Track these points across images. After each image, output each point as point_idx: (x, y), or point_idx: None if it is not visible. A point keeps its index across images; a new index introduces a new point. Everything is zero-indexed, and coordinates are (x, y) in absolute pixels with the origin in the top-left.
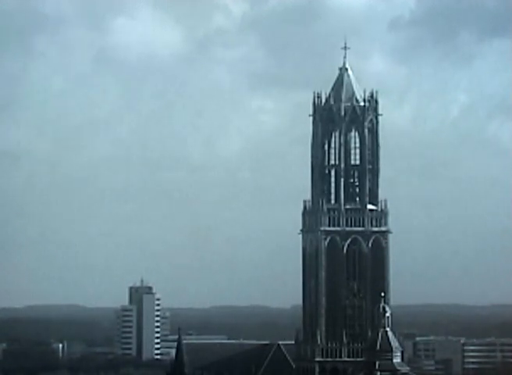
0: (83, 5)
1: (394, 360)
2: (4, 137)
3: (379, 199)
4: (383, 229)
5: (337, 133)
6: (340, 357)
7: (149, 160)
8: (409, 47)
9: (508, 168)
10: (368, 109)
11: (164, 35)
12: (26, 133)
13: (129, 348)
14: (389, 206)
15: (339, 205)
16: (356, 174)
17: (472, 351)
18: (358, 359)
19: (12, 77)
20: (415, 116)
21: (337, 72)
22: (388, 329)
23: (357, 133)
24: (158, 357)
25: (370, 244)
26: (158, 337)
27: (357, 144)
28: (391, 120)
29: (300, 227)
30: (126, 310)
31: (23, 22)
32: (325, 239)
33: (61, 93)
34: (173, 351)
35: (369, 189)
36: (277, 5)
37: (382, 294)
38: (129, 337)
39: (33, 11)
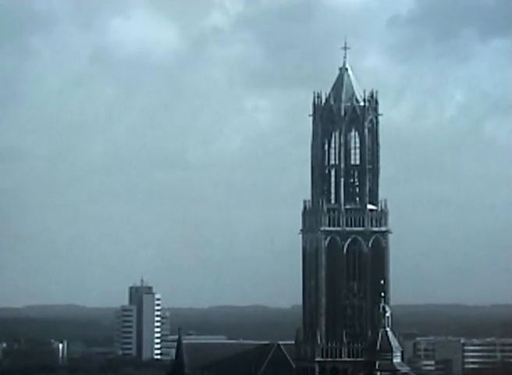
0: (78, 3)
1: (394, 360)
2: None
3: (379, 199)
4: (383, 229)
5: (337, 133)
6: (340, 357)
7: (147, 159)
8: (407, 45)
9: (507, 166)
10: (367, 109)
11: (160, 34)
12: (23, 133)
13: (129, 348)
14: (389, 206)
15: (339, 205)
16: (356, 174)
17: (472, 351)
18: (358, 359)
19: (8, 76)
20: (414, 114)
21: (337, 71)
22: (388, 329)
23: (357, 133)
24: (158, 357)
25: (370, 244)
26: (158, 337)
27: (357, 144)
28: (390, 119)
29: (300, 227)
30: (126, 310)
31: (18, 20)
32: (325, 239)
33: (57, 92)
34: (173, 351)
35: (369, 189)
36: (273, 3)
37: (382, 294)
38: (129, 337)
39: (29, 9)
